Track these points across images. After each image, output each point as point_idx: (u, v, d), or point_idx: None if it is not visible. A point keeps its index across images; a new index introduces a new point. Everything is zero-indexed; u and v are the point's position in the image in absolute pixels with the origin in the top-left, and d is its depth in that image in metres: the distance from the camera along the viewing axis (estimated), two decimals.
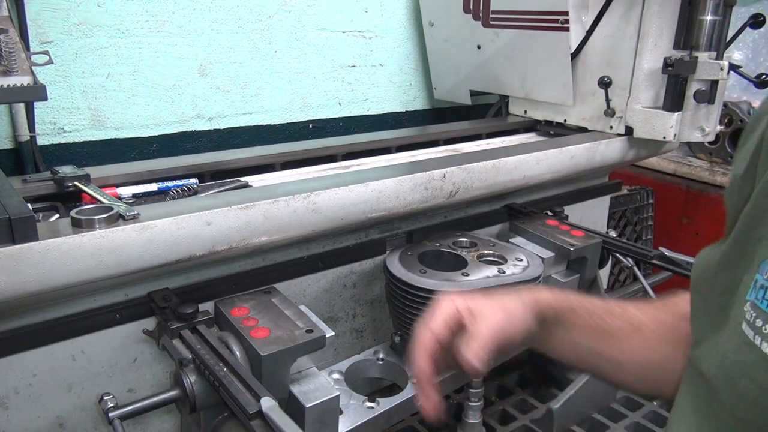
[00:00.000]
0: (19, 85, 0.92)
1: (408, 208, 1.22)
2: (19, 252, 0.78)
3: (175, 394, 0.89)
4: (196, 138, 1.65)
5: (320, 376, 0.99)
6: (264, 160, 1.39)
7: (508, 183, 1.39)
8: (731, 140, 2.25)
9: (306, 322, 0.98)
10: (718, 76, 1.44)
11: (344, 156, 1.52)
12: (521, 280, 1.18)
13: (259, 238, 1.02)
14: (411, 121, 2.10)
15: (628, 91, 1.57)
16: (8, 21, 1.00)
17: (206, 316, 0.97)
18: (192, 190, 1.21)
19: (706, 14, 1.45)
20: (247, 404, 0.78)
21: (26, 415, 0.97)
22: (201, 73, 1.60)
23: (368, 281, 1.35)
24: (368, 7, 1.88)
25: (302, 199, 1.05)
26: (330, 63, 1.84)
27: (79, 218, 0.86)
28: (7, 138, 1.38)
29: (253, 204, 1.00)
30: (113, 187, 1.17)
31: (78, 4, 1.38)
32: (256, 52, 1.68)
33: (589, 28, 1.60)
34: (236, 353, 0.94)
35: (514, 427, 1.41)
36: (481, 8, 1.79)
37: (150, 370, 1.07)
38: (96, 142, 1.49)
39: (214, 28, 1.59)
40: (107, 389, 0.90)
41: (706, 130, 1.53)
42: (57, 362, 0.97)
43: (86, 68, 1.43)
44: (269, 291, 1.08)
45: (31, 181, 1.13)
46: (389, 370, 1.26)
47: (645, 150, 1.70)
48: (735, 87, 2.36)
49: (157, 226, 0.90)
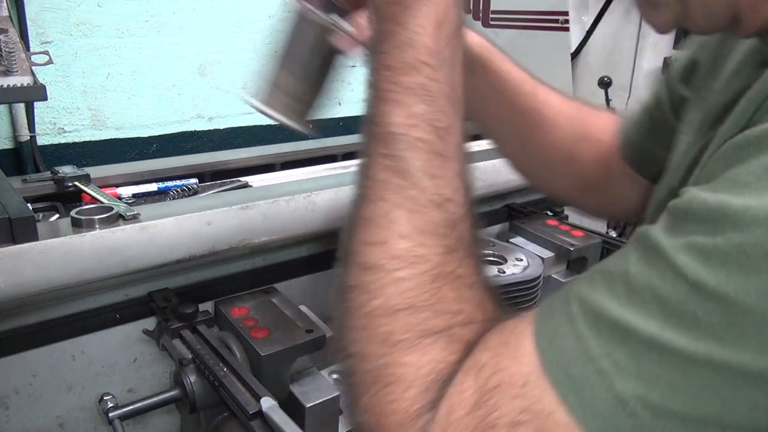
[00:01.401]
0: (19, 85, 0.92)
1: None
2: (19, 252, 0.78)
3: (175, 394, 0.89)
4: (196, 138, 1.65)
5: (320, 376, 0.99)
6: (264, 160, 1.39)
7: (508, 183, 1.39)
8: None
9: (306, 322, 0.98)
10: None
11: (344, 156, 1.52)
12: (521, 279, 1.18)
13: (259, 238, 1.02)
14: None
15: (628, 91, 1.57)
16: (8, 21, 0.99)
17: (206, 316, 0.97)
18: (192, 190, 1.21)
19: None
20: (247, 404, 0.78)
21: (26, 415, 0.97)
22: (201, 73, 1.60)
23: None
24: None
25: (302, 199, 1.05)
26: None
27: (79, 218, 0.86)
28: (7, 138, 1.38)
29: (253, 204, 1.00)
30: (113, 187, 1.17)
31: (78, 4, 1.38)
32: (256, 52, 1.68)
33: (589, 28, 1.61)
34: (236, 353, 0.94)
35: None
36: (481, 8, 1.79)
37: (150, 370, 1.07)
38: (96, 142, 1.49)
39: (214, 28, 1.59)
40: (107, 389, 0.90)
41: None
42: (57, 362, 0.97)
43: (86, 68, 1.43)
44: (269, 291, 1.08)
45: (31, 181, 1.13)
46: None
47: None
48: None
49: (157, 226, 0.90)
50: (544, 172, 0.88)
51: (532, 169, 0.90)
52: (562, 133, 0.82)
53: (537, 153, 0.84)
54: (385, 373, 0.44)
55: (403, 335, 0.44)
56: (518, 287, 1.17)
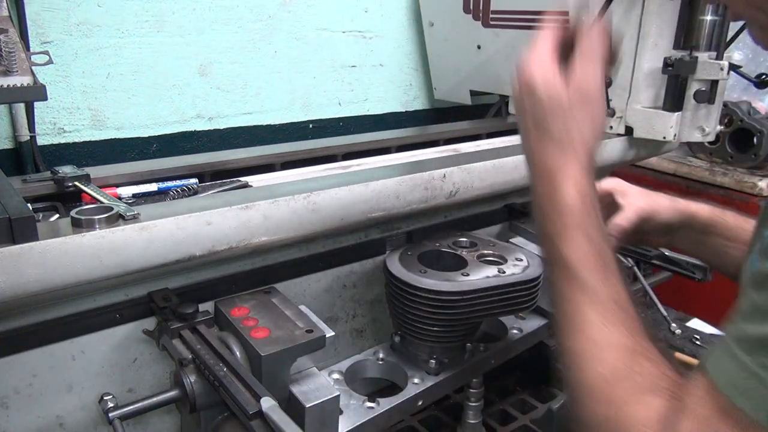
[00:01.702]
0: (19, 85, 0.92)
1: (408, 208, 1.22)
2: (19, 252, 0.78)
3: (175, 394, 0.89)
4: (196, 138, 1.65)
5: (320, 376, 0.99)
6: (264, 160, 1.39)
7: (508, 183, 1.39)
8: (731, 140, 2.25)
9: (306, 322, 0.98)
10: (718, 76, 1.43)
11: (344, 156, 1.52)
12: (521, 279, 1.18)
13: (259, 238, 1.02)
14: (411, 121, 2.10)
15: (628, 91, 1.57)
16: (8, 21, 1.00)
17: (206, 316, 0.97)
18: (192, 190, 1.21)
19: (706, 14, 1.45)
20: (247, 404, 0.78)
21: (26, 415, 0.97)
22: (201, 73, 1.60)
23: (368, 281, 1.35)
24: (368, 7, 1.88)
25: (302, 199, 1.05)
26: (330, 63, 1.84)
27: (79, 218, 0.86)
28: (7, 138, 1.38)
29: (253, 204, 1.00)
30: (113, 187, 1.17)
31: (78, 4, 1.38)
32: (256, 52, 1.68)
33: None
34: (236, 353, 0.94)
35: (514, 427, 1.41)
36: (481, 8, 1.79)
37: (150, 370, 1.07)
38: (96, 142, 1.49)
39: (214, 28, 1.59)
40: (107, 389, 0.90)
41: (706, 130, 1.53)
42: (57, 362, 0.97)
43: (86, 68, 1.43)
44: (269, 291, 1.08)
45: (31, 181, 1.13)
46: (389, 370, 1.26)
47: (645, 150, 1.70)
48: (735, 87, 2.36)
49: (157, 226, 0.90)
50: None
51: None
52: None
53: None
54: (615, 426, 0.63)
55: (623, 395, 0.64)
56: (518, 287, 1.17)
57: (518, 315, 1.43)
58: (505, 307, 1.18)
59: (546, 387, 1.54)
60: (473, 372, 1.29)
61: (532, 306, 1.24)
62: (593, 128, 0.79)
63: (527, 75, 0.81)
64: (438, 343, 1.21)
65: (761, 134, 2.15)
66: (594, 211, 0.76)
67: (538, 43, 0.83)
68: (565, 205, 0.75)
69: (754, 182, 2.14)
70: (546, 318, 1.43)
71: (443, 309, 1.13)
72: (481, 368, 1.30)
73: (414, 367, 1.22)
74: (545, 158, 0.79)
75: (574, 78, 0.80)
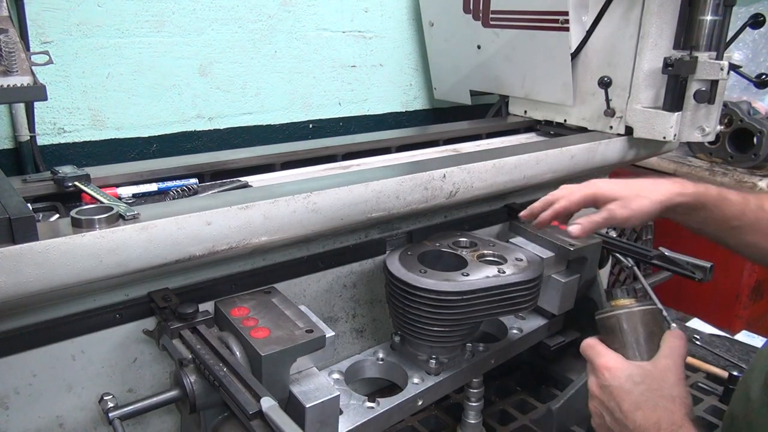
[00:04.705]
0: (19, 85, 0.92)
1: (408, 208, 1.22)
2: (19, 252, 0.78)
3: (175, 394, 0.89)
4: (196, 138, 1.65)
5: (320, 376, 0.99)
6: (264, 160, 1.39)
7: (508, 183, 1.39)
8: (731, 140, 2.25)
9: (306, 322, 0.98)
10: (718, 76, 1.44)
11: (344, 156, 1.52)
12: (521, 279, 1.18)
13: (259, 238, 1.02)
14: (411, 121, 2.10)
15: (628, 91, 1.57)
16: (8, 21, 0.99)
17: (206, 316, 0.97)
18: (192, 190, 1.21)
19: (706, 14, 1.45)
20: (247, 404, 0.78)
21: (26, 415, 0.97)
22: (201, 73, 1.60)
23: (368, 281, 1.35)
24: (368, 7, 1.88)
25: (302, 199, 1.05)
26: (330, 63, 1.84)
27: (79, 218, 0.86)
28: (7, 138, 1.38)
29: (253, 204, 1.00)
30: (113, 187, 1.17)
31: (78, 4, 1.38)
32: (256, 52, 1.68)
33: (589, 28, 1.60)
34: (236, 353, 0.94)
35: (514, 427, 1.41)
36: (481, 8, 1.79)
37: (150, 370, 1.07)
38: (96, 142, 1.49)
39: (214, 28, 1.59)
40: (107, 389, 0.90)
41: (706, 130, 1.54)
42: (57, 362, 0.97)
43: (86, 68, 1.43)
44: (269, 291, 1.08)
45: (31, 181, 1.13)
46: (389, 370, 1.26)
47: (645, 150, 1.70)
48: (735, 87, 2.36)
49: (157, 226, 0.90)
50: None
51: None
52: None
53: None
54: None
55: None
56: (518, 287, 1.18)
57: (518, 315, 1.43)
58: (505, 307, 1.18)
59: (546, 387, 1.54)
60: (473, 372, 1.29)
61: (532, 306, 1.24)
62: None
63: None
64: (438, 343, 1.21)
65: (761, 134, 2.15)
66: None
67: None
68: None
69: (754, 182, 2.14)
70: (546, 318, 1.43)
71: (443, 309, 1.13)
72: (481, 368, 1.30)
73: (414, 367, 1.22)
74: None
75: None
